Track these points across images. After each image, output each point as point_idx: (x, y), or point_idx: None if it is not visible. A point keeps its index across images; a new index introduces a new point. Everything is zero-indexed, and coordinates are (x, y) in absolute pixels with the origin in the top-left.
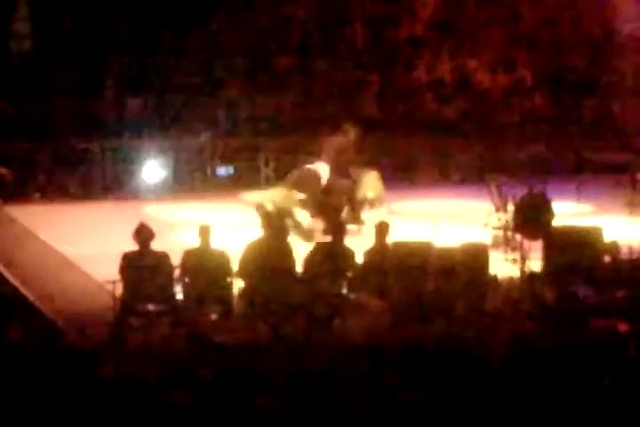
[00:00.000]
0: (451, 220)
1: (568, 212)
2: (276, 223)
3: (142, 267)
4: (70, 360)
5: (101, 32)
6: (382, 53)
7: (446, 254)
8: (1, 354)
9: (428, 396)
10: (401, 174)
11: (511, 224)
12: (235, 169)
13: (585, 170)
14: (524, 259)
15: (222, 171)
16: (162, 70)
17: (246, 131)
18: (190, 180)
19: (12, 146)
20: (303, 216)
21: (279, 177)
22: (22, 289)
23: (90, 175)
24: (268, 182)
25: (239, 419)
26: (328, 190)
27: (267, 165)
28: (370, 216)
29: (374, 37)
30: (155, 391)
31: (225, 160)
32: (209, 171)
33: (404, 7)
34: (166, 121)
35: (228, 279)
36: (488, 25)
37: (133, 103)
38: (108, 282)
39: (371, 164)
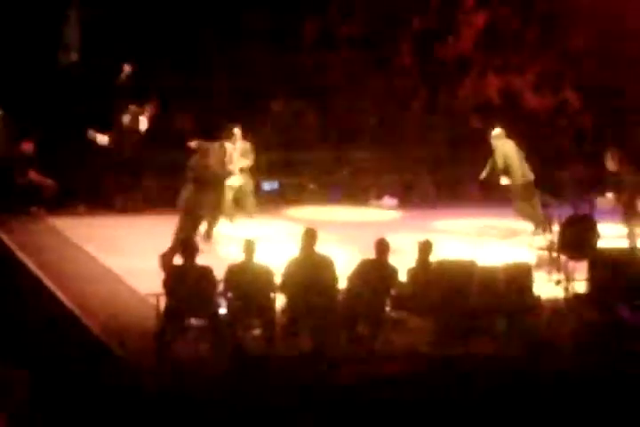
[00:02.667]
0: (495, 239)
1: (613, 233)
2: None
3: (186, 281)
4: (114, 374)
5: (149, 43)
6: (429, 72)
7: (490, 274)
8: (48, 367)
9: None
10: (445, 192)
11: (556, 245)
12: (279, 184)
13: None
14: (568, 280)
15: (267, 186)
16: (206, 84)
17: (292, 145)
18: None
19: (60, 156)
20: None
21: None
22: (66, 302)
23: (136, 187)
24: (313, 198)
25: None
26: None
27: (312, 180)
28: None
29: (421, 54)
30: (197, 406)
31: (270, 175)
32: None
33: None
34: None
35: (271, 294)
36: (536, 43)
37: (180, 116)
38: (152, 295)
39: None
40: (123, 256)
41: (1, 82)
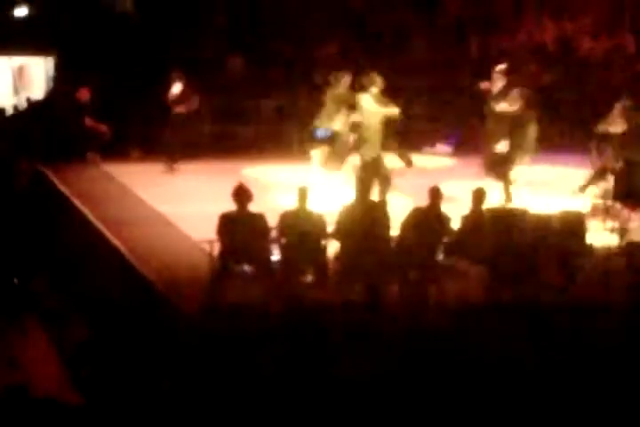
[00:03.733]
0: (549, 187)
1: None
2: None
3: (240, 227)
4: (168, 318)
5: None
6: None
7: (543, 221)
8: (105, 311)
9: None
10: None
11: (611, 193)
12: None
13: None
14: (622, 228)
15: (321, 132)
16: (261, 30)
17: None
18: (289, 141)
19: (114, 102)
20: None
21: None
22: (121, 248)
23: (190, 134)
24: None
25: (331, 380)
26: None
27: None
28: None
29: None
30: (249, 351)
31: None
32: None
33: None
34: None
35: (324, 241)
36: None
37: (234, 62)
38: (206, 242)
39: None
40: (177, 202)
41: (57, 29)
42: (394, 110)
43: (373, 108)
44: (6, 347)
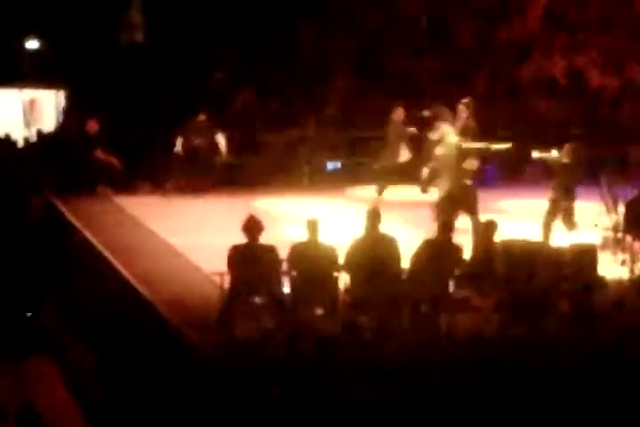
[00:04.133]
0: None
1: None
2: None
3: (250, 259)
4: (178, 351)
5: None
6: (490, 52)
7: (555, 254)
8: (116, 343)
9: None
10: (509, 173)
11: (621, 225)
12: (342, 164)
13: None
14: (633, 260)
15: (331, 165)
16: (268, 60)
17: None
18: (299, 173)
19: (125, 135)
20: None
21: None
22: (132, 280)
23: (199, 169)
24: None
25: (338, 413)
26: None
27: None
28: None
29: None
30: (258, 384)
31: (334, 155)
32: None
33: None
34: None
35: (335, 274)
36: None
37: (245, 95)
38: (216, 274)
39: None
40: (188, 234)
41: (68, 62)
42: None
43: (458, 140)
44: (20, 389)
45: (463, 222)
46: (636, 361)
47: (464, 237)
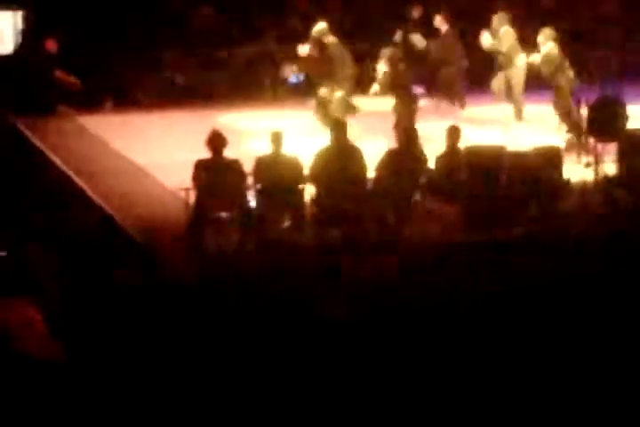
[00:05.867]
0: (524, 124)
1: None
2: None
3: (215, 174)
4: (145, 268)
5: None
6: None
7: (519, 158)
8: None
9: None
10: (471, 79)
11: (585, 127)
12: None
13: None
14: (597, 162)
15: (294, 78)
16: None
17: None
18: (262, 88)
19: (85, 55)
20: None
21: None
22: (97, 199)
23: (162, 83)
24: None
25: (309, 323)
26: None
27: None
28: None
29: None
30: (225, 297)
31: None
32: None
33: None
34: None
35: (300, 185)
36: None
37: (204, 11)
38: (182, 190)
39: None
40: (152, 152)
41: None
42: None
43: None
44: None
45: (429, 130)
46: (602, 261)
47: (428, 144)
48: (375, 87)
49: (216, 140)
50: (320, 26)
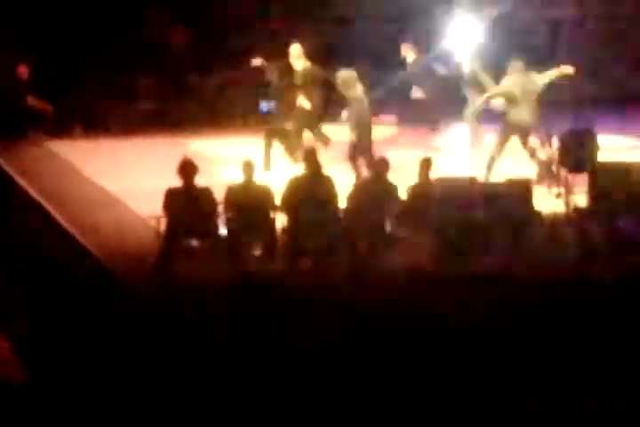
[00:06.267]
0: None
1: (613, 146)
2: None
3: (186, 202)
4: (115, 296)
5: None
6: None
7: (490, 189)
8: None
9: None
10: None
11: (556, 158)
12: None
13: (630, 102)
14: (568, 193)
15: (265, 106)
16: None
17: None
18: (232, 116)
19: (56, 80)
20: None
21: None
22: (66, 226)
23: (133, 110)
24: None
25: (278, 355)
26: None
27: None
28: None
29: None
30: (197, 326)
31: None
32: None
33: None
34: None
35: (272, 214)
36: None
37: (179, 33)
38: (152, 217)
39: None
40: (123, 179)
41: None
42: None
43: None
44: None
45: (398, 158)
46: (572, 289)
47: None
48: (345, 113)
49: (187, 169)
50: (294, 49)
